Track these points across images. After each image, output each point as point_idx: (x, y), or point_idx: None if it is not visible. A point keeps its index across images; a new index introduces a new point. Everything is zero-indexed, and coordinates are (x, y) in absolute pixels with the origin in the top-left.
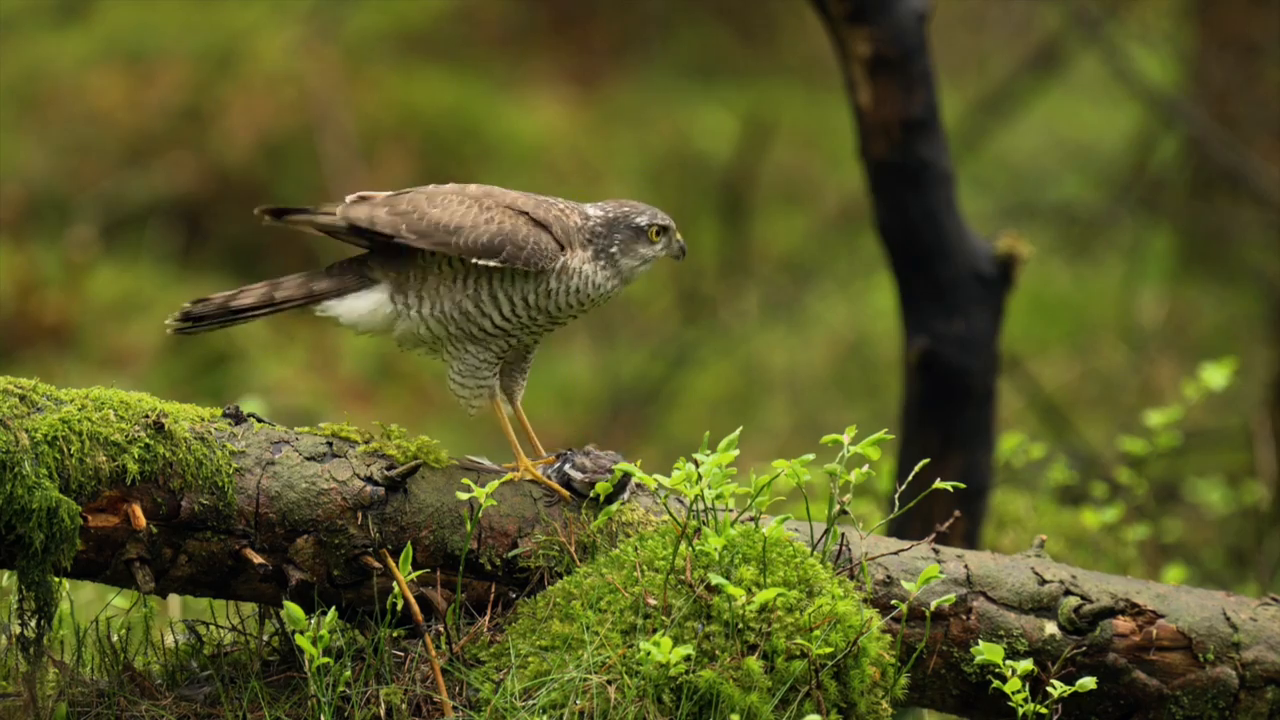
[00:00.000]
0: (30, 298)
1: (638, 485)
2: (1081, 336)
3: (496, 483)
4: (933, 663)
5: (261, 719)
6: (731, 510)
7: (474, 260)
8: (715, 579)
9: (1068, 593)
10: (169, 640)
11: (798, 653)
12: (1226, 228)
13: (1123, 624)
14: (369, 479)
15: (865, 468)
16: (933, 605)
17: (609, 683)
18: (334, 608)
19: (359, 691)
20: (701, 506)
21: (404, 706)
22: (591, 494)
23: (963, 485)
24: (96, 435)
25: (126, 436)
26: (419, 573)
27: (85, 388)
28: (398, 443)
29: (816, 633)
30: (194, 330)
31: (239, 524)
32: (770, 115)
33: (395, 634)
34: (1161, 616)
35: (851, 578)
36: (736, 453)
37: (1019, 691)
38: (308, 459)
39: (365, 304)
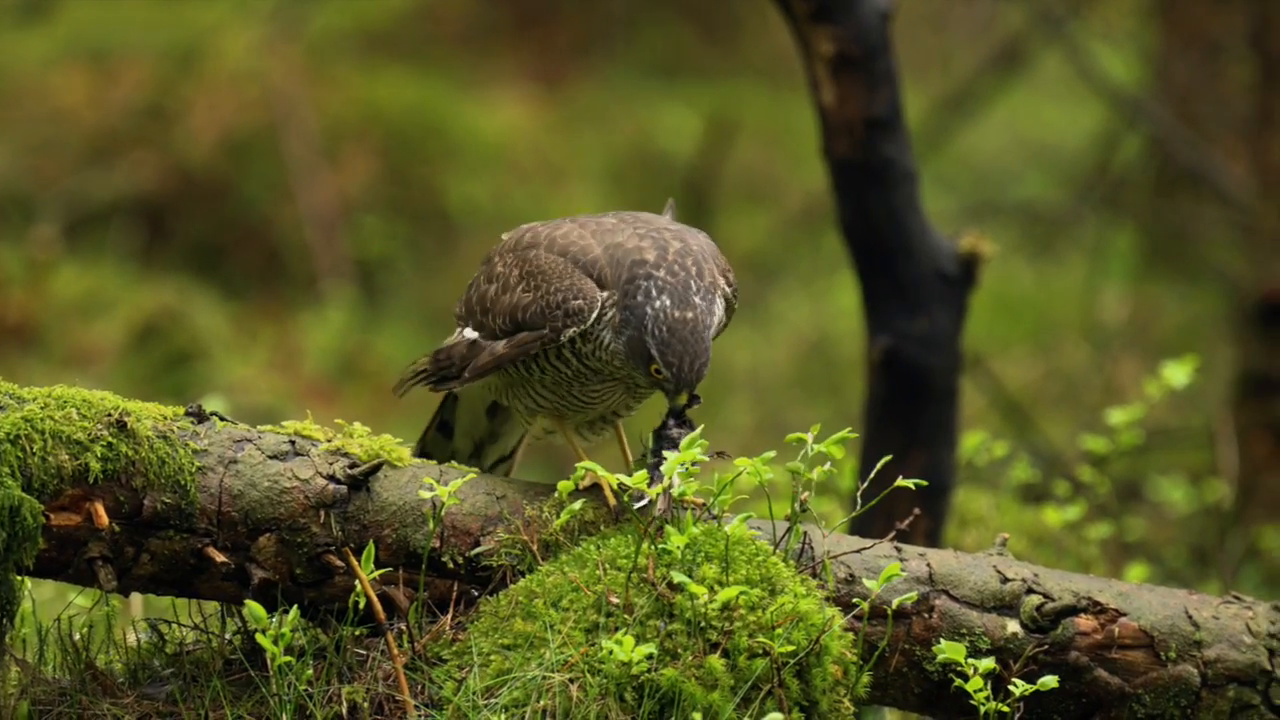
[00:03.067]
0: None
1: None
2: (1044, 335)
3: (459, 481)
4: (895, 661)
5: (223, 717)
6: (694, 508)
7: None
8: (678, 577)
9: (1030, 591)
10: (131, 639)
11: (760, 651)
12: (1189, 226)
13: (1085, 622)
14: (331, 477)
15: (828, 465)
16: (894, 603)
17: (571, 681)
18: (296, 606)
19: (321, 690)
20: (663, 505)
21: (366, 705)
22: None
23: (925, 483)
24: (59, 434)
25: (89, 435)
26: (381, 571)
27: (48, 386)
28: (360, 441)
29: (779, 631)
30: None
31: (201, 522)
32: (733, 114)
33: (357, 632)
34: (1124, 615)
35: (814, 576)
36: (699, 452)
37: (981, 690)
38: (270, 457)
39: None
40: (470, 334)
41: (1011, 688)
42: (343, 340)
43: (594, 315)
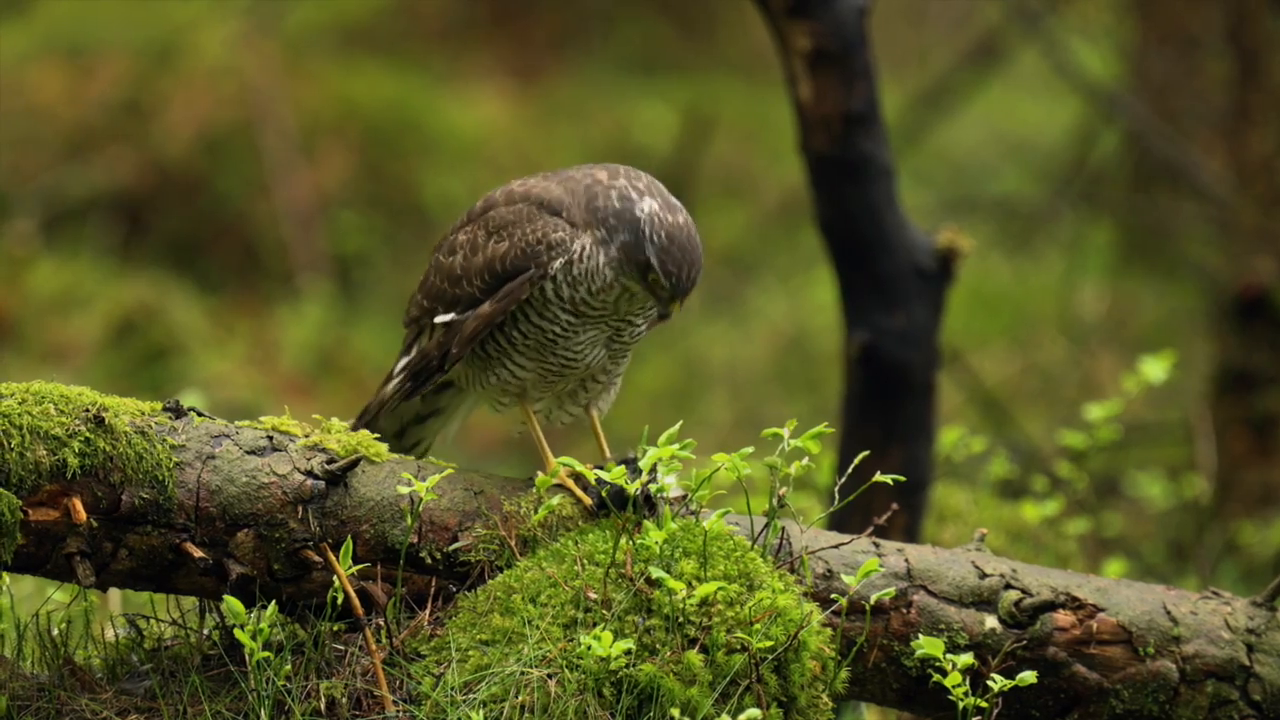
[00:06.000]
0: None
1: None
2: (1022, 330)
3: (436, 477)
4: (873, 656)
5: (201, 713)
6: (672, 503)
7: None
8: (656, 573)
9: (1008, 586)
10: (109, 634)
11: (738, 646)
12: (1166, 222)
13: (1063, 618)
14: (309, 473)
15: (805, 461)
16: (873, 599)
17: (549, 677)
18: (274, 602)
19: (299, 685)
20: (641, 499)
21: (344, 700)
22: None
23: (903, 479)
24: (37, 429)
25: (67, 430)
26: (359, 566)
27: (25, 382)
28: (338, 436)
29: (757, 626)
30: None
31: (179, 518)
32: (710, 109)
33: (335, 628)
34: (1102, 610)
35: (792, 571)
36: (677, 446)
37: (959, 685)
38: (248, 453)
39: None
40: (444, 318)
41: (990, 683)
42: (320, 335)
43: (577, 246)
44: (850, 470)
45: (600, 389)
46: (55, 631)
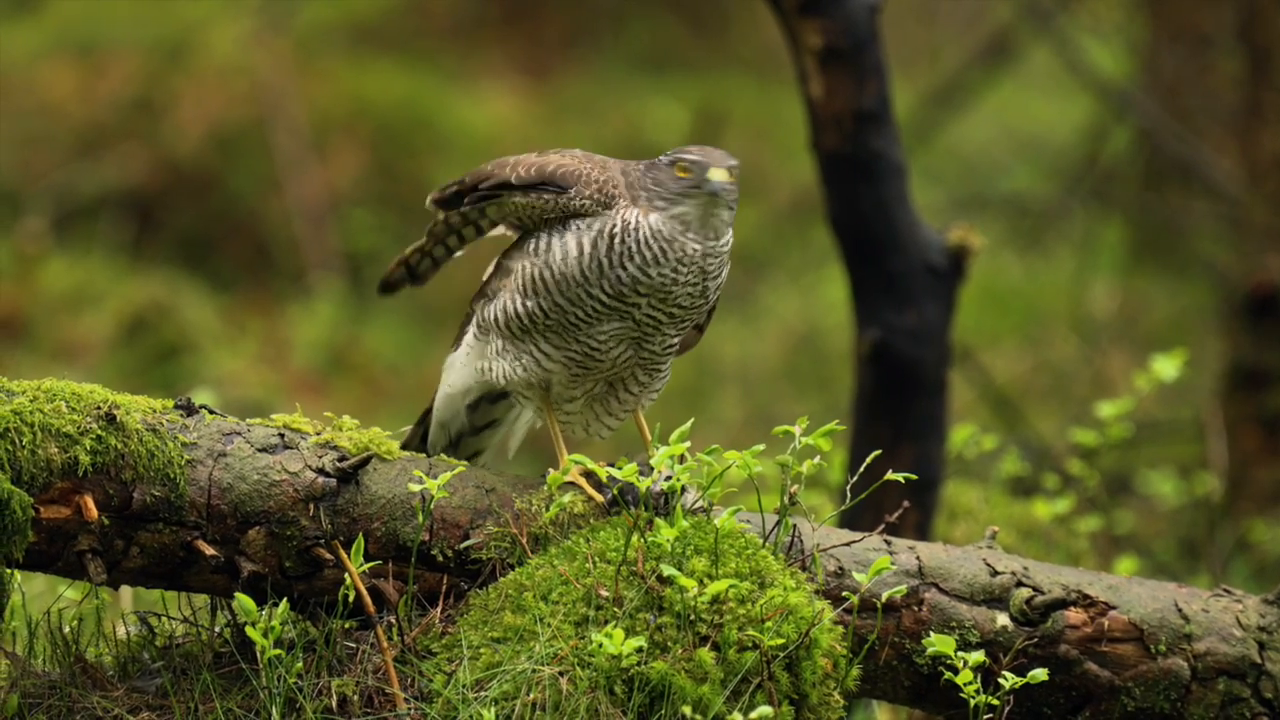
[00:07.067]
0: None
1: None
2: (1033, 328)
3: (448, 474)
4: (885, 654)
5: (213, 710)
6: (684, 496)
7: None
8: (667, 570)
9: (1019, 584)
10: (121, 632)
11: (750, 644)
12: (1178, 219)
13: (1074, 615)
14: (321, 470)
15: (817, 459)
16: (884, 597)
17: (561, 674)
18: (286, 599)
19: (310, 683)
20: (654, 495)
21: (356, 698)
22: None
23: (915, 477)
24: (48, 427)
25: (78, 428)
26: (371, 564)
27: (37, 379)
28: (349, 434)
29: (768, 624)
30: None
31: (191, 516)
32: (722, 107)
33: (347, 625)
34: (1113, 608)
35: (803, 569)
36: (688, 444)
37: (971, 683)
38: (259, 450)
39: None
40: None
41: (1001, 681)
42: (331, 333)
43: (619, 217)
44: (862, 468)
45: (635, 400)
46: (67, 629)
